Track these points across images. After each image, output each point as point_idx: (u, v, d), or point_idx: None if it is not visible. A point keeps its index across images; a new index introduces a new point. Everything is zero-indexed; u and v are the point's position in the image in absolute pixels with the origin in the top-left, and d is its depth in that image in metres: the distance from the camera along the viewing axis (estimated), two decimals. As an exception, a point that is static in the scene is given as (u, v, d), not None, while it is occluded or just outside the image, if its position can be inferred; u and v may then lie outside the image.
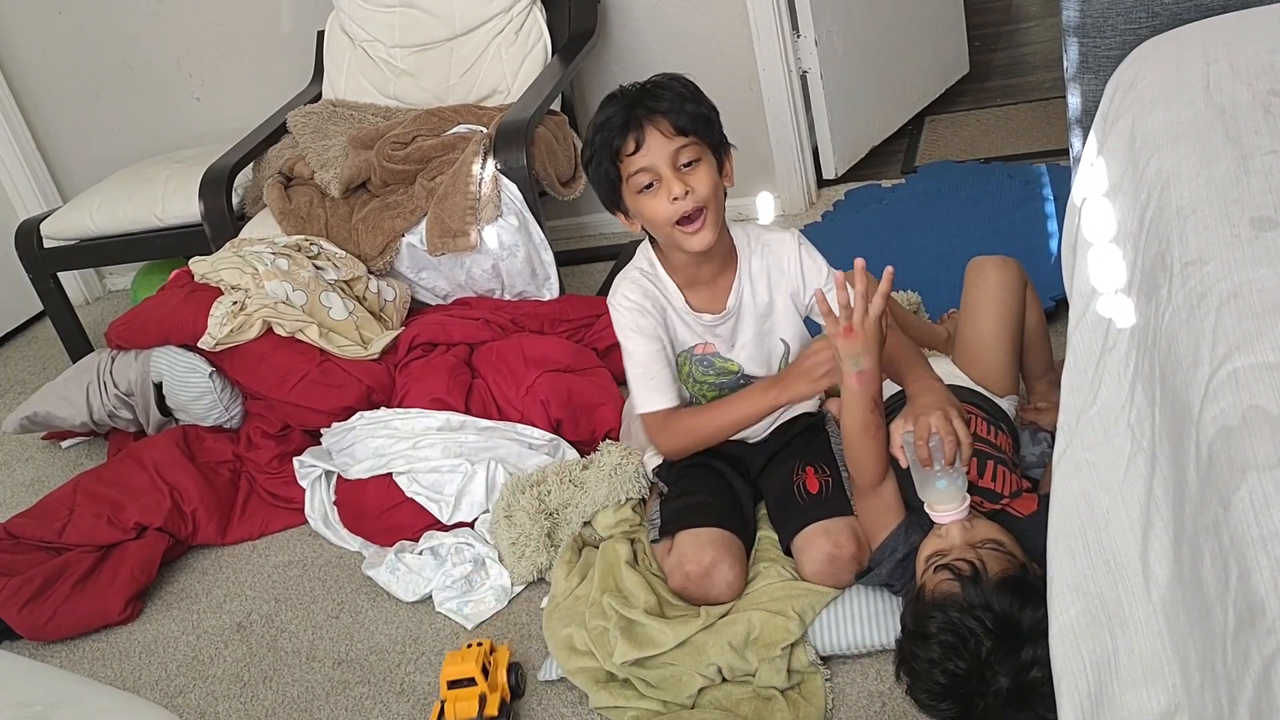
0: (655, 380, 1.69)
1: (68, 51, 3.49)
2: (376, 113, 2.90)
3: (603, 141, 1.57)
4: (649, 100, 1.56)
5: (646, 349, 1.69)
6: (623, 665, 1.59)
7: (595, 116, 1.60)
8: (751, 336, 1.74)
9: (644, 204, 1.60)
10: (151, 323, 2.38)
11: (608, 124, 1.56)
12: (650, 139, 1.55)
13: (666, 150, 1.56)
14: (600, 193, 1.66)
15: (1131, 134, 1.28)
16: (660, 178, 1.57)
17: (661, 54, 3.00)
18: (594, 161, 1.61)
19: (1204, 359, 0.86)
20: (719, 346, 1.75)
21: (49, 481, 2.55)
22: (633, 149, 1.56)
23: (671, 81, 1.60)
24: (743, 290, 1.72)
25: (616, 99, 1.58)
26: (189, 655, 1.94)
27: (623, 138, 1.56)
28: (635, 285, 1.70)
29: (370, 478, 2.11)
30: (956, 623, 1.32)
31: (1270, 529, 0.68)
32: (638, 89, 1.58)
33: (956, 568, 1.39)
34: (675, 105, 1.56)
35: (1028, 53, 3.83)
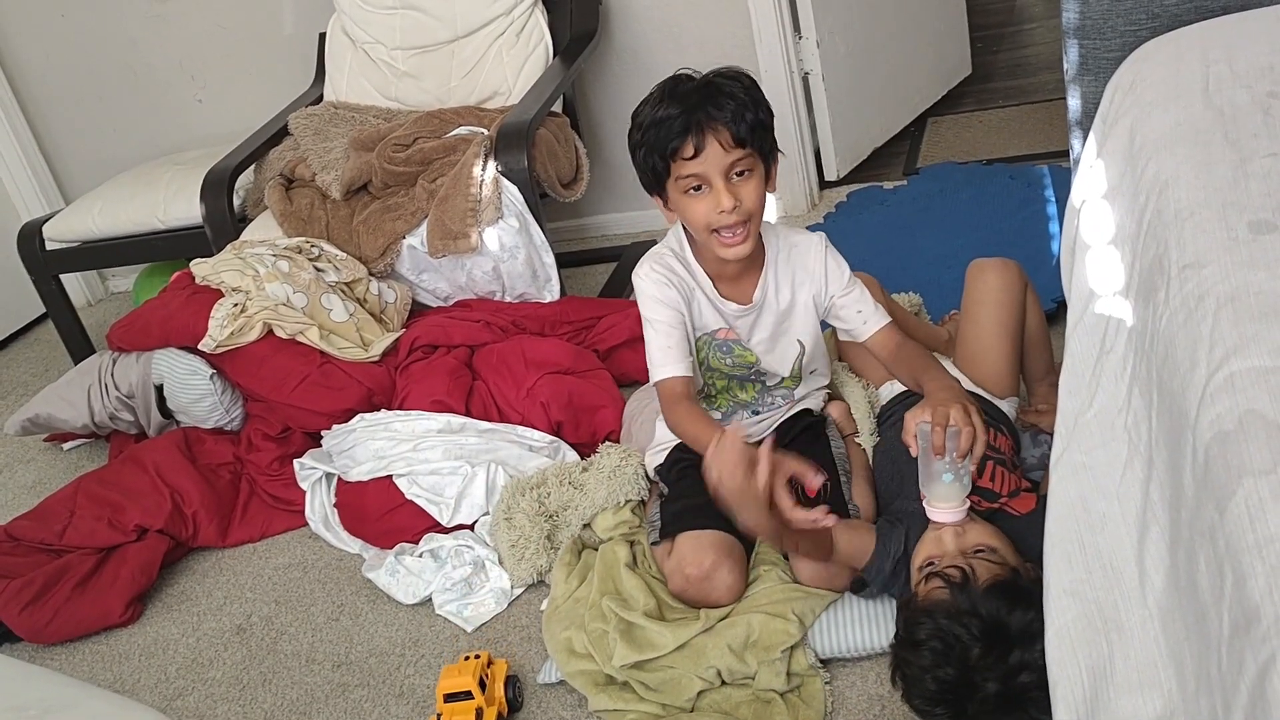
0: (674, 350, 1.69)
1: (70, 54, 3.49)
2: (378, 114, 2.90)
3: (657, 139, 1.54)
4: (712, 106, 1.51)
5: (668, 318, 1.68)
6: (622, 668, 1.59)
7: (652, 106, 1.55)
8: (768, 335, 1.75)
9: (688, 203, 1.58)
10: (152, 325, 2.38)
11: (665, 123, 1.52)
12: (709, 147, 1.52)
13: (723, 161, 1.53)
14: (642, 177, 1.63)
15: (1131, 136, 1.27)
16: (711, 185, 1.55)
17: (663, 55, 3.00)
18: (642, 151, 1.58)
19: (1201, 362, 0.86)
20: (736, 328, 1.75)
21: (50, 483, 2.55)
22: (690, 154, 1.53)
23: (734, 84, 1.55)
24: (768, 287, 1.73)
25: (677, 97, 1.53)
26: (189, 657, 1.94)
27: (681, 140, 1.52)
28: (662, 261, 1.70)
29: (370, 480, 2.11)
30: (945, 629, 1.32)
31: (1265, 534, 0.68)
32: (701, 88, 1.53)
33: (946, 575, 1.39)
34: (738, 114, 1.52)
35: (1030, 54, 3.82)
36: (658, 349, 1.70)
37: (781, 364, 1.78)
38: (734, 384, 1.80)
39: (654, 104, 1.55)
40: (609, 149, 3.15)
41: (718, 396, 1.82)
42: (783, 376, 1.80)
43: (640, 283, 1.71)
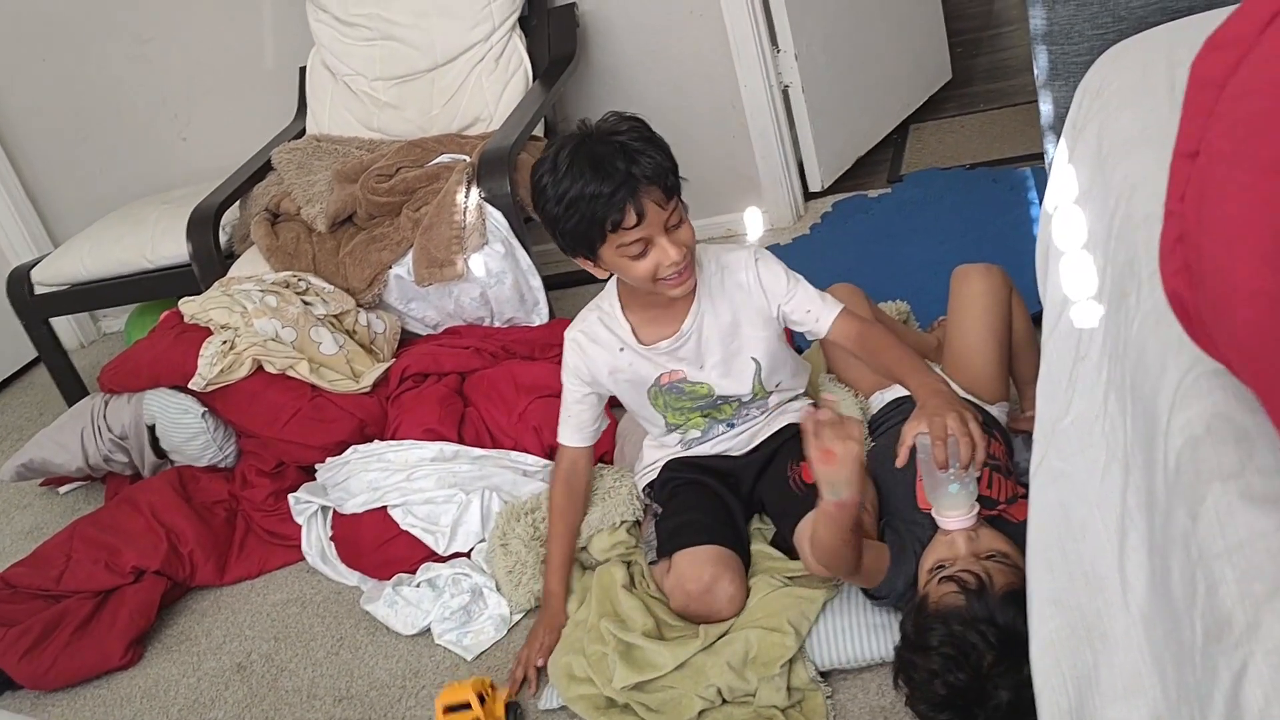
0: (574, 419, 1.83)
1: (53, 96, 3.51)
2: (360, 146, 2.91)
3: (593, 214, 1.51)
4: (637, 169, 1.49)
5: (576, 390, 1.80)
6: (622, 690, 1.59)
7: (571, 179, 1.51)
8: (720, 357, 1.74)
9: (629, 264, 1.57)
10: (142, 365, 2.38)
11: (599, 199, 1.50)
12: (649, 212, 1.52)
13: (661, 218, 1.54)
14: (567, 246, 1.61)
15: (1099, 140, 1.28)
16: (654, 244, 1.55)
17: (643, 75, 3.01)
18: (570, 224, 1.54)
19: (1171, 367, 0.86)
20: (687, 370, 1.75)
21: (47, 528, 2.55)
22: (634, 223, 1.51)
23: (638, 137, 1.53)
24: (702, 312, 1.72)
25: (599, 168, 1.49)
26: (190, 698, 1.94)
27: (621, 214, 1.50)
28: (588, 329, 1.76)
29: (365, 511, 2.11)
30: (959, 636, 1.31)
31: (1235, 540, 0.68)
32: (617, 153, 1.50)
33: (962, 579, 1.38)
34: (659, 170, 1.51)
35: (1009, 57, 3.84)
36: (564, 413, 1.84)
37: (740, 385, 1.78)
38: (708, 417, 1.82)
39: (571, 176, 1.51)
40: (593, 169, 3.15)
41: (692, 417, 1.82)
42: (747, 394, 1.80)
43: (565, 345, 1.78)
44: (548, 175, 1.55)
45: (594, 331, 1.75)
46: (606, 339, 1.74)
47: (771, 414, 1.85)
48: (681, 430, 1.82)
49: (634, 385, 1.77)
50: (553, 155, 1.56)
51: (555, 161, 1.54)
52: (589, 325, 1.76)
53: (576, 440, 1.84)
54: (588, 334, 1.75)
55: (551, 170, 1.54)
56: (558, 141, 1.57)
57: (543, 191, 1.57)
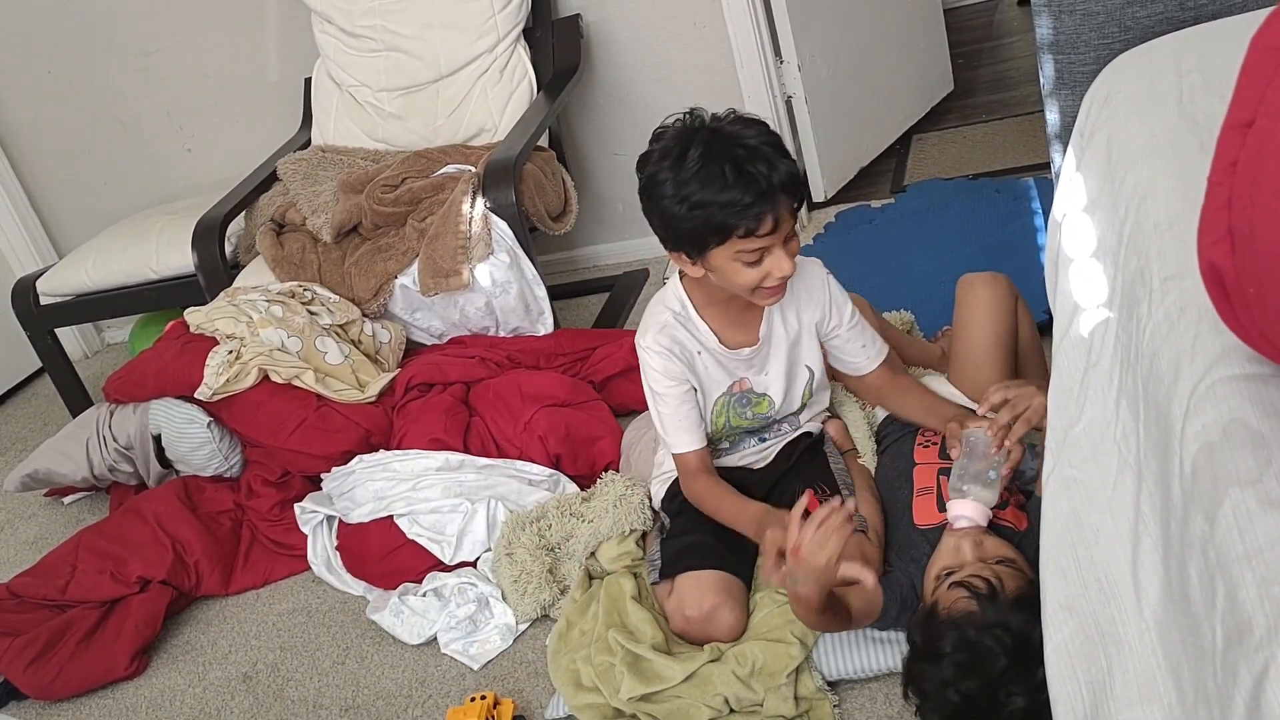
0: (685, 421, 1.70)
1: (58, 108, 3.51)
2: (365, 156, 2.92)
3: (724, 218, 1.46)
4: (775, 177, 1.45)
5: (676, 392, 1.68)
6: (629, 700, 1.59)
7: (702, 185, 1.45)
8: (784, 365, 1.74)
9: (738, 270, 1.52)
10: (148, 375, 2.38)
11: (735, 205, 1.44)
12: (783, 223, 1.49)
13: (786, 229, 1.51)
14: (672, 242, 1.55)
15: (1108, 149, 1.29)
16: (770, 254, 1.51)
17: (647, 86, 3.02)
18: (693, 229, 1.49)
19: (1184, 374, 0.86)
20: (753, 378, 1.74)
21: (52, 539, 2.55)
22: (768, 230, 1.48)
23: (771, 145, 1.47)
24: (774, 320, 1.71)
25: (738, 171, 1.44)
26: (196, 709, 1.94)
27: (758, 222, 1.46)
28: (666, 332, 1.68)
29: (371, 521, 2.11)
30: (972, 641, 1.30)
31: (1254, 544, 0.68)
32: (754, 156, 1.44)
33: (973, 585, 1.37)
34: (795, 179, 1.48)
35: (1011, 68, 3.85)
36: (670, 422, 1.71)
37: (793, 396, 1.78)
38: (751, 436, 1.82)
39: (703, 179, 1.45)
40: (597, 181, 3.17)
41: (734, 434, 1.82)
42: (797, 407, 1.80)
43: (645, 355, 1.69)
44: (668, 172, 1.48)
45: (673, 334, 1.68)
46: (685, 339, 1.69)
47: (800, 428, 1.85)
48: (713, 444, 1.82)
49: (704, 393, 1.72)
50: (674, 150, 1.48)
51: (680, 159, 1.47)
52: (665, 327, 1.68)
53: (696, 441, 1.71)
54: (667, 336, 1.68)
55: (675, 167, 1.47)
56: (675, 134, 1.50)
57: (659, 186, 1.49)
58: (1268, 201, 0.69)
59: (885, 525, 1.72)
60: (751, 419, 1.77)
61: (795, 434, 1.84)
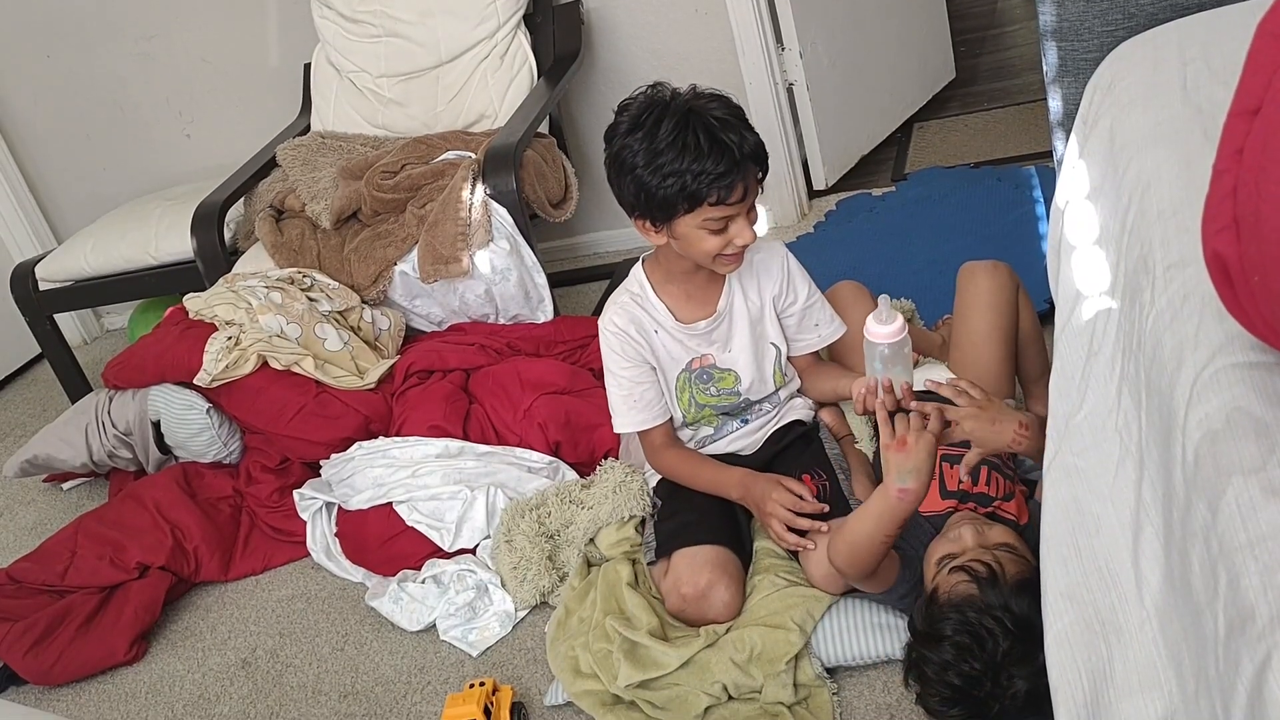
0: (639, 400, 1.75)
1: (57, 94, 3.50)
2: (365, 143, 2.91)
3: (696, 188, 1.50)
4: (745, 147, 1.49)
5: (630, 372, 1.74)
6: (627, 688, 1.59)
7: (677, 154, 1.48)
8: (748, 340, 1.76)
9: (702, 237, 1.56)
10: (147, 361, 2.38)
11: (706, 174, 1.48)
12: (749, 192, 1.53)
13: (751, 199, 1.55)
14: (640, 209, 1.58)
15: (1111, 136, 1.28)
16: (734, 222, 1.55)
17: (647, 72, 3.00)
18: (664, 197, 1.52)
19: (1187, 361, 0.86)
20: (716, 354, 1.76)
21: (51, 524, 2.55)
22: (737, 199, 1.52)
23: (738, 117, 1.52)
24: (734, 294, 1.75)
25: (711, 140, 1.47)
26: (195, 694, 1.94)
27: (729, 191, 1.50)
28: (623, 311, 1.73)
29: (371, 508, 2.11)
30: (974, 623, 1.30)
31: (1257, 533, 0.68)
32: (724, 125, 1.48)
33: (973, 569, 1.38)
34: (760, 149, 1.52)
35: (1013, 56, 3.84)
36: (622, 402, 1.76)
37: (763, 376, 1.80)
38: (725, 419, 1.83)
39: (677, 148, 1.48)
40: (597, 168, 3.14)
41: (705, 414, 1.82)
42: (770, 391, 1.81)
43: (603, 335, 1.75)
44: (641, 142, 1.51)
45: (631, 313, 1.73)
46: (642, 318, 1.73)
47: (782, 407, 1.85)
48: (694, 428, 1.82)
49: (663, 371, 1.76)
50: (645, 121, 1.51)
51: (653, 130, 1.50)
52: (623, 307, 1.74)
53: (653, 419, 1.75)
54: (625, 316, 1.73)
55: (648, 138, 1.50)
56: (643, 105, 1.53)
57: (630, 155, 1.53)
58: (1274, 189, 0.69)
59: None
60: (718, 395, 1.78)
61: (778, 414, 1.84)
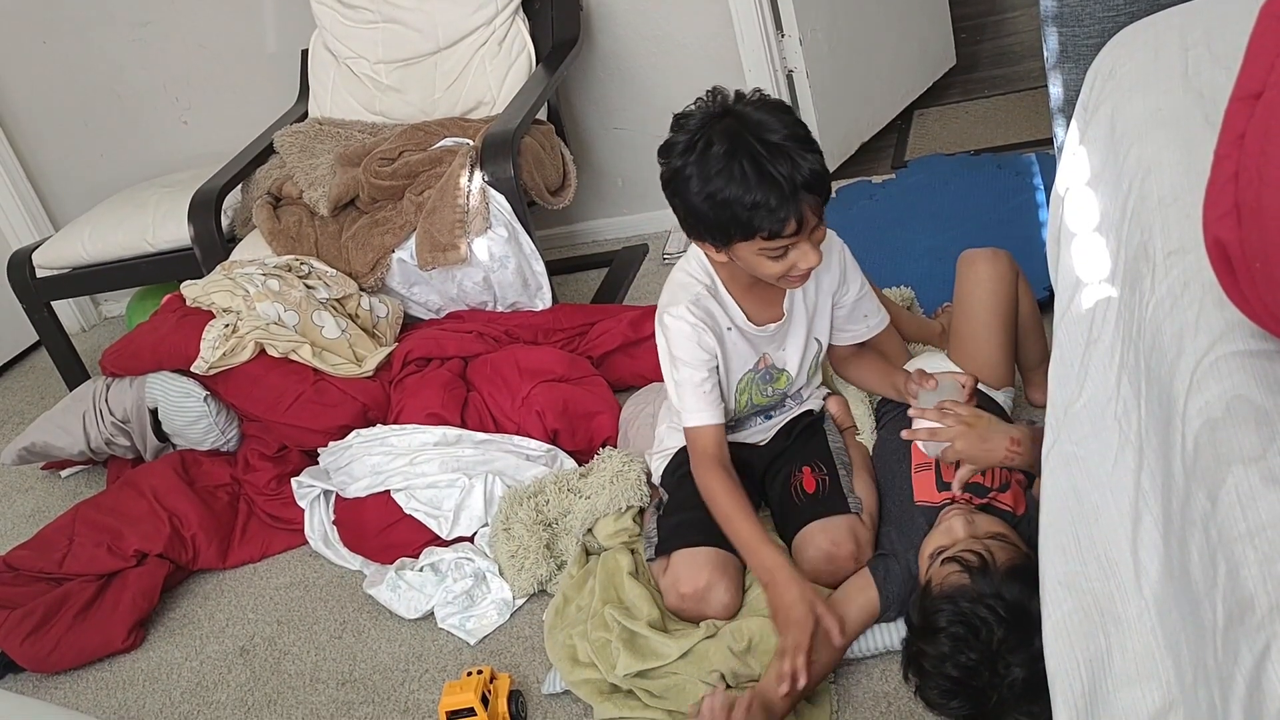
0: (710, 394, 1.66)
1: (54, 80, 3.49)
2: (363, 129, 2.90)
3: (749, 220, 1.45)
4: (799, 176, 1.42)
5: (706, 366, 1.65)
6: (625, 677, 1.58)
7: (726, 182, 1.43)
8: (802, 337, 1.74)
9: (764, 262, 1.52)
10: (144, 349, 2.37)
11: (759, 207, 1.43)
12: (806, 222, 1.47)
13: (811, 225, 1.49)
14: (696, 232, 1.54)
15: (1112, 122, 1.27)
16: (796, 247, 1.50)
17: (646, 59, 2.99)
18: (716, 223, 1.48)
19: (1187, 349, 0.86)
20: (772, 352, 1.74)
21: (49, 512, 2.55)
22: (792, 231, 1.46)
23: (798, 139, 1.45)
24: (796, 295, 1.71)
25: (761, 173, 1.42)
26: (193, 681, 1.94)
27: (781, 225, 1.44)
28: (698, 304, 1.64)
29: (368, 496, 2.10)
30: (967, 613, 1.30)
31: (1257, 522, 0.68)
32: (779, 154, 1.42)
33: (964, 559, 1.38)
34: (820, 176, 1.45)
35: (1014, 42, 3.82)
36: (692, 393, 1.65)
37: (804, 372, 1.78)
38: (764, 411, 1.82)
39: (727, 175, 1.43)
40: (596, 155, 3.15)
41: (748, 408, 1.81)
42: (802, 385, 1.80)
43: (676, 324, 1.64)
44: (693, 166, 1.46)
45: (706, 307, 1.64)
46: (717, 313, 1.66)
47: (804, 403, 1.86)
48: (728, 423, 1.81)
49: (727, 370, 1.70)
50: (698, 142, 1.46)
51: (704, 152, 1.45)
52: (697, 301, 1.64)
53: (715, 416, 1.66)
54: (701, 309, 1.64)
55: (699, 161, 1.45)
56: (699, 122, 1.47)
57: (684, 180, 1.48)
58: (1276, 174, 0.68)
59: (880, 506, 1.72)
60: (771, 395, 1.78)
61: (799, 410, 1.84)
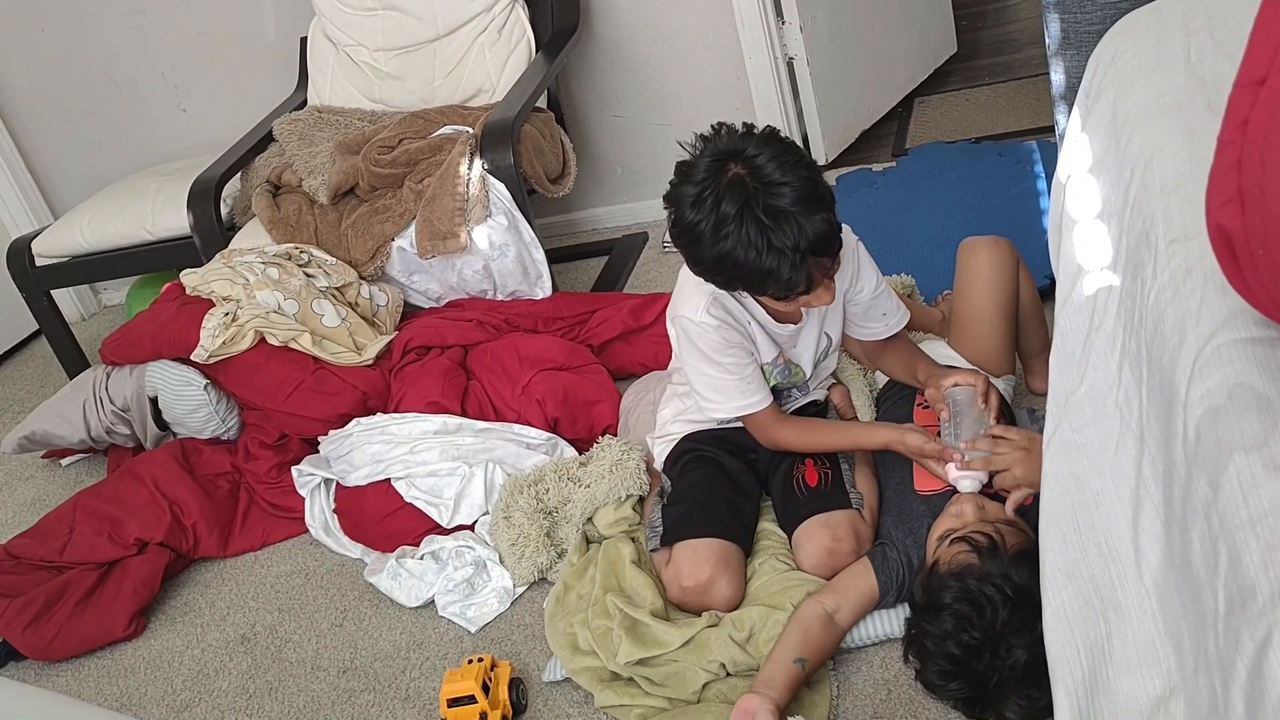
0: (751, 381, 1.66)
1: (52, 68, 3.48)
2: (362, 117, 2.89)
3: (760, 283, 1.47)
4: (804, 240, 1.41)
5: (735, 357, 1.64)
6: (627, 664, 1.59)
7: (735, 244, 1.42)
8: (814, 334, 1.74)
9: (774, 304, 1.56)
10: (144, 337, 2.37)
11: (769, 274, 1.43)
12: (816, 278, 1.47)
13: (823, 277, 1.49)
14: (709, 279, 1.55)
15: (1114, 109, 1.27)
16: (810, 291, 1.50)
17: (646, 47, 2.98)
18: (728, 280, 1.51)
19: (1190, 336, 0.85)
20: (786, 347, 1.73)
21: (50, 500, 2.55)
22: (801, 291, 1.47)
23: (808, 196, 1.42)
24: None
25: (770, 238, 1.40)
26: (194, 669, 1.94)
27: (789, 290, 1.46)
28: (717, 303, 1.63)
29: (369, 484, 2.10)
30: (973, 591, 1.30)
31: (1259, 510, 0.67)
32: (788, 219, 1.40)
33: (973, 539, 1.38)
34: (828, 236, 1.43)
35: (1015, 30, 3.81)
36: (728, 385, 1.66)
37: (815, 364, 1.77)
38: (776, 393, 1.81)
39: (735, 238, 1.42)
40: (596, 143, 3.14)
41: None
42: (809, 376, 1.80)
43: (697, 330, 1.63)
44: (705, 223, 1.44)
45: (725, 304, 1.64)
46: (737, 310, 1.65)
47: (809, 394, 1.85)
48: None
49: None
50: (708, 199, 1.43)
51: (713, 208, 1.43)
52: (716, 299, 1.63)
53: (768, 397, 1.68)
54: (719, 307, 1.63)
55: (709, 219, 1.43)
56: (705, 172, 1.45)
57: (695, 237, 1.46)
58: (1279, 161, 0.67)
59: (881, 497, 1.72)
60: (787, 385, 1.78)
61: (804, 400, 1.84)
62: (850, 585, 1.55)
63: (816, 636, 1.49)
